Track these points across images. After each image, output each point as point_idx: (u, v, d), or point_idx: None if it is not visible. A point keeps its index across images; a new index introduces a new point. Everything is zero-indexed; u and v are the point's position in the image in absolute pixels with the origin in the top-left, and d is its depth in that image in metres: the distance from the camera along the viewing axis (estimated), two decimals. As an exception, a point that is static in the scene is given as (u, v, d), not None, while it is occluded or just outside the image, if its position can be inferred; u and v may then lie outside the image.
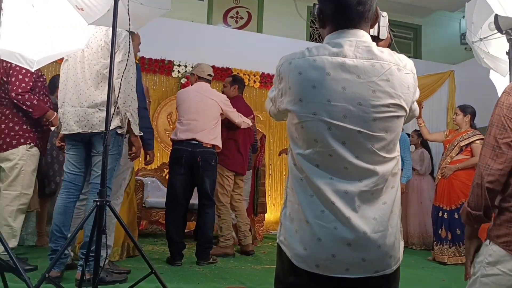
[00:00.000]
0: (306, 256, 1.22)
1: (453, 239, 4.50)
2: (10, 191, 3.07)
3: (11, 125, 3.14)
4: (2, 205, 3.05)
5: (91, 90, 2.73)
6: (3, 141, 3.10)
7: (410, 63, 1.30)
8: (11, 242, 3.01)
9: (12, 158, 3.08)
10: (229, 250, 4.22)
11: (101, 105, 2.70)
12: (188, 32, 6.63)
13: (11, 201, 3.06)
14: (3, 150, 3.10)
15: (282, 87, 1.28)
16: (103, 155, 2.28)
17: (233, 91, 4.46)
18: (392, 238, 1.25)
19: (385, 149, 1.24)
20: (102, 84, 2.73)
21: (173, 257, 3.71)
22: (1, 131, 3.12)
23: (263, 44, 6.94)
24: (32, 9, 2.46)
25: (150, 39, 3.36)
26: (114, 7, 2.23)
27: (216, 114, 3.96)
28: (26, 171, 3.14)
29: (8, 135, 3.12)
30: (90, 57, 2.76)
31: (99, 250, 2.23)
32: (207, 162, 3.79)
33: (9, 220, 3.03)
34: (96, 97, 2.72)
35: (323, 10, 1.30)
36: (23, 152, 3.12)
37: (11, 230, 3.04)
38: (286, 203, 1.33)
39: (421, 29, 8.82)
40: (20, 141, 3.14)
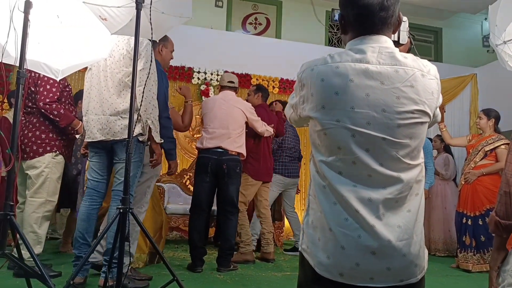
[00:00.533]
0: (329, 264, 1.21)
1: (477, 246, 4.40)
2: (36, 198, 3.14)
3: (38, 133, 3.21)
4: (28, 212, 3.11)
5: (114, 98, 2.77)
6: (30, 149, 3.17)
7: (434, 69, 1.28)
8: (36, 248, 3.07)
9: (38, 165, 3.15)
10: (249, 257, 4.22)
11: (123, 112, 2.73)
12: (208, 39, 6.69)
13: (36, 208, 3.12)
14: (30, 157, 3.17)
15: (304, 94, 1.27)
16: (126, 163, 2.30)
17: (257, 99, 4.51)
18: (417, 247, 1.23)
19: (409, 156, 1.23)
20: (124, 92, 2.76)
21: (194, 262, 3.73)
22: (29, 139, 3.19)
23: (282, 50, 6.94)
24: (57, 19, 2.52)
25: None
26: (136, 17, 2.27)
27: (241, 123, 4.01)
28: (52, 178, 3.20)
29: (35, 143, 3.19)
30: (112, 65, 2.81)
31: (122, 257, 2.25)
32: (233, 169, 3.83)
33: (34, 227, 3.09)
34: (118, 105, 2.75)
35: (345, 16, 1.30)
36: (49, 159, 3.19)
37: (36, 236, 3.10)
38: (309, 210, 1.32)
39: (442, 32, 8.69)
40: (46, 149, 3.21)
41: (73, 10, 2.54)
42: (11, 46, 2.16)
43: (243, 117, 4.03)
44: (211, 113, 3.95)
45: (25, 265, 2.14)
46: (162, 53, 3.36)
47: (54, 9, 2.52)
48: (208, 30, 6.93)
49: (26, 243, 2.12)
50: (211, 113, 3.95)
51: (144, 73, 2.63)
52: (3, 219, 2.03)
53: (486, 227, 4.32)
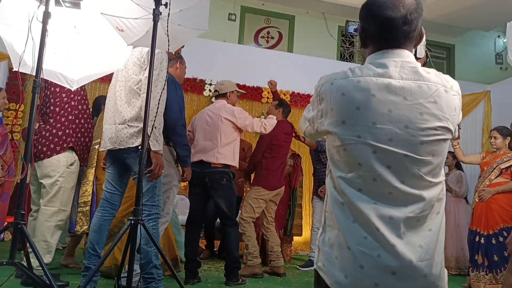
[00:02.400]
0: (347, 284, 1.18)
1: (490, 265, 4.30)
2: (49, 207, 3.12)
3: (55, 132, 3.18)
4: (40, 221, 3.10)
5: (124, 107, 2.76)
6: (47, 148, 3.15)
7: (456, 84, 1.26)
8: (46, 257, 3.05)
9: (53, 175, 3.14)
10: (257, 270, 4.14)
11: (130, 121, 2.70)
12: (220, 52, 6.73)
13: (50, 216, 3.11)
14: (47, 156, 3.14)
15: (323, 108, 1.25)
16: (138, 174, 2.29)
17: (278, 114, 4.47)
18: (439, 267, 1.20)
19: (431, 174, 1.20)
20: (133, 100, 2.74)
21: (186, 275, 3.61)
22: (46, 139, 3.17)
23: (294, 64, 6.96)
24: (74, 30, 2.54)
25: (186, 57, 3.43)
26: (153, 28, 2.28)
27: (229, 132, 3.82)
28: (66, 188, 3.19)
29: (52, 141, 3.16)
30: (126, 75, 2.81)
31: (132, 268, 2.23)
32: (217, 181, 3.69)
33: (46, 236, 3.07)
34: (127, 113, 2.73)
35: (366, 29, 1.27)
36: (63, 169, 3.17)
37: (47, 245, 3.08)
38: (325, 228, 1.29)
39: (455, 49, 8.67)
40: (63, 145, 3.17)
41: (90, 21, 2.57)
42: (29, 55, 2.18)
43: (229, 125, 3.82)
44: (197, 126, 3.90)
45: (34, 274, 2.12)
46: (179, 69, 3.38)
47: (72, 20, 2.54)
48: (220, 43, 6.98)
49: (36, 252, 2.11)
50: (197, 126, 3.89)
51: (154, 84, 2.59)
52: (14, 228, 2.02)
53: (500, 246, 4.25)
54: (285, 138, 4.40)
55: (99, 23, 2.51)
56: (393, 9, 1.20)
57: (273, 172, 4.30)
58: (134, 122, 2.68)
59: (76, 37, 2.59)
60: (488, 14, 6.98)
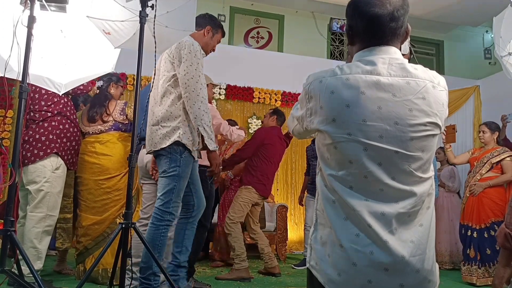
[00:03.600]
0: (340, 282, 1.18)
1: (482, 259, 4.34)
2: (36, 213, 3.09)
3: (38, 137, 3.15)
4: (28, 227, 3.06)
5: (156, 107, 2.64)
6: (31, 153, 3.12)
7: (443, 80, 1.27)
8: (36, 264, 3.01)
9: (38, 180, 3.11)
10: (244, 274, 3.98)
11: (162, 121, 2.57)
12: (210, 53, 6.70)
13: (36, 222, 3.07)
14: (32, 162, 3.10)
15: (312, 106, 1.24)
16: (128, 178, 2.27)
17: (272, 122, 4.47)
18: (430, 262, 1.21)
19: (421, 169, 1.20)
20: (164, 98, 2.60)
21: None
22: (30, 144, 3.13)
23: (284, 63, 6.96)
24: (60, 34, 2.52)
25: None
26: (140, 31, 2.26)
27: None
28: (52, 193, 3.16)
29: (36, 146, 3.13)
30: (158, 73, 2.70)
31: (124, 273, 2.21)
32: None
33: (34, 242, 3.04)
34: (158, 113, 2.60)
35: (353, 26, 1.27)
36: (49, 174, 3.14)
37: (37, 252, 3.04)
38: (317, 226, 1.28)
39: (444, 45, 8.73)
40: (47, 151, 3.14)
41: (76, 24, 2.55)
42: (14, 60, 2.15)
43: None
44: None
45: (24, 281, 2.10)
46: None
47: (58, 24, 2.52)
48: (210, 44, 6.95)
49: (26, 259, 2.09)
50: None
51: (188, 77, 2.51)
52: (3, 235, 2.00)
53: (492, 240, 4.28)
54: (278, 140, 4.38)
55: (85, 27, 2.49)
56: (380, 6, 1.20)
57: (267, 178, 4.26)
58: (167, 122, 2.55)
59: (63, 41, 2.57)
60: (475, 9, 7.02)
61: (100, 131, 3.45)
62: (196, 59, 2.55)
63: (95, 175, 3.37)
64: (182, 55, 2.54)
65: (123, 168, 3.39)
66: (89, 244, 3.41)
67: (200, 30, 2.81)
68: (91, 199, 3.40)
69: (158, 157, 2.61)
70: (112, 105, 3.51)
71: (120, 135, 3.47)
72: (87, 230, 3.40)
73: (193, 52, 2.55)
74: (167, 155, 2.55)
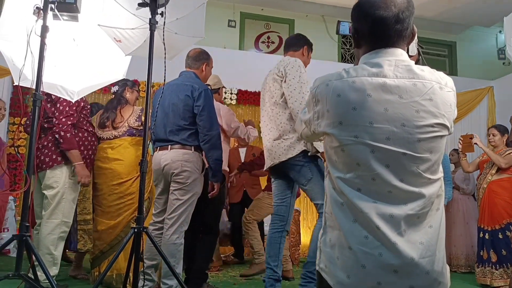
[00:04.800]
0: (350, 284, 1.18)
1: (499, 260, 4.28)
2: (52, 219, 3.13)
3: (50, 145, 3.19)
4: (44, 233, 3.11)
5: (274, 123, 2.88)
6: (50, 158, 3.15)
7: (450, 81, 1.26)
8: (52, 270, 3.06)
9: (55, 186, 3.15)
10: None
11: (284, 134, 2.81)
12: (221, 58, 6.72)
13: (52, 229, 3.11)
14: (49, 167, 3.14)
15: (319, 110, 1.25)
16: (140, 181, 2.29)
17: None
18: (441, 263, 1.20)
19: (430, 171, 1.20)
20: (280, 113, 2.86)
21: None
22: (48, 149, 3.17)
23: (295, 67, 6.94)
24: (73, 43, 2.57)
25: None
26: (150, 38, 2.29)
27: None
28: (67, 199, 3.19)
29: (54, 152, 3.16)
30: (269, 93, 2.96)
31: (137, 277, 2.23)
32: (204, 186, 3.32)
33: (51, 249, 3.08)
34: (279, 128, 2.84)
35: (358, 29, 1.28)
36: (65, 180, 3.18)
37: (52, 258, 3.08)
38: (326, 229, 1.29)
39: (456, 46, 8.64)
40: (65, 157, 3.16)
41: (88, 33, 2.59)
42: (28, 69, 2.20)
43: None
44: None
45: (41, 286, 2.13)
46: (205, 70, 3.21)
47: (70, 33, 2.56)
48: (221, 50, 7.00)
49: (42, 265, 2.12)
50: None
51: (291, 89, 2.73)
52: (19, 241, 2.03)
53: (507, 240, 4.23)
54: None
55: (97, 35, 2.54)
56: (385, 9, 1.21)
57: None
58: (288, 134, 2.78)
59: (75, 49, 2.62)
60: (488, 10, 6.95)
61: (114, 136, 3.48)
62: (298, 73, 2.77)
63: (108, 180, 3.41)
64: (286, 70, 2.78)
65: (134, 172, 3.41)
66: (105, 248, 3.44)
67: (298, 50, 3.13)
68: (106, 204, 3.43)
69: (288, 168, 2.81)
70: (128, 110, 3.53)
71: (132, 139, 3.49)
72: (102, 234, 3.43)
73: (295, 66, 2.79)
74: (304, 164, 2.77)
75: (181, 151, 2.88)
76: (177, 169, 2.84)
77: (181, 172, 2.84)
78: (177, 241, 2.82)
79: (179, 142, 2.89)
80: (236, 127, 3.67)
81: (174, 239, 2.81)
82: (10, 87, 5.99)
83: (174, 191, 2.88)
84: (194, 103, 2.88)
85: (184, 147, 2.88)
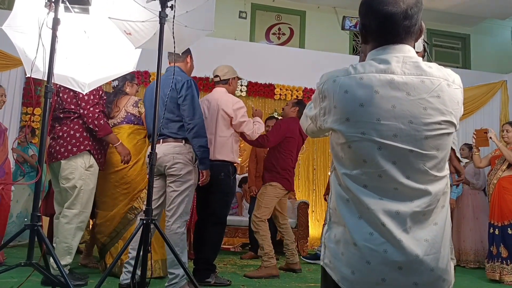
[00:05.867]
0: (354, 280, 1.18)
1: (510, 255, 4.27)
2: (71, 209, 3.17)
3: (72, 133, 3.21)
4: (62, 222, 3.15)
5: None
6: (65, 149, 3.18)
7: (458, 78, 1.25)
8: (66, 259, 3.09)
9: (71, 177, 3.17)
10: (274, 271, 3.97)
11: None
12: (231, 50, 6.74)
13: (71, 219, 3.15)
14: (65, 157, 3.16)
15: (325, 106, 1.25)
16: (149, 176, 2.32)
17: (292, 112, 4.34)
18: (445, 261, 1.20)
19: (436, 168, 1.20)
20: None
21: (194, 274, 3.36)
22: (64, 139, 3.20)
23: (306, 60, 6.93)
24: (84, 35, 2.59)
25: (194, 57, 3.41)
26: (160, 31, 2.30)
27: (225, 123, 3.57)
28: (86, 190, 3.22)
29: (70, 142, 3.19)
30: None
31: (146, 267, 2.27)
32: (213, 176, 3.33)
33: (68, 238, 3.12)
34: None
35: (366, 25, 1.27)
36: (82, 171, 3.19)
37: (67, 247, 3.12)
38: (330, 224, 1.29)
39: (470, 38, 8.52)
40: (80, 148, 3.19)
41: (99, 25, 2.60)
42: (40, 61, 2.22)
43: (225, 117, 3.56)
44: None
45: (51, 274, 2.17)
46: (190, 62, 3.34)
47: (81, 25, 2.58)
48: (232, 41, 6.99)
49: (53, 254, 2.16)
50: None
51: None
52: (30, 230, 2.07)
53: None
54: (298, 133, 4.32)
55: (108, 27, 2.55)
56: (393, 4, 1.20)
57: (289, 172, 4.22)
58: None
59: (87, 41, 2.64)
60: (503, 2, 6.83)
61: (113, 124, 3.52)
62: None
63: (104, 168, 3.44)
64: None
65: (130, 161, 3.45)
66: (105, 240, 3.51)
67: None
68: (102, 194, 3.48)
69: None
70: (124, 100, 3.60)
71: (130, 128, 3.53)
72: (100, 228, 3.51)
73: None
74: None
75: (172, 144, 3.01)
76: (169, 162, 2.96)
77: (173, 164, 2.96)
78: (178, 230, 2.93)
79: (170, 136, 3.02)
80: (243, 121, 3.62)
81: (175, 228, 2.93)
82: (23, 77, 6.07)
83: (170, 183, 3.00)
84: (177, 95, 3.00)
85: (175, 140, 3.01)
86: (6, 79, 6.00)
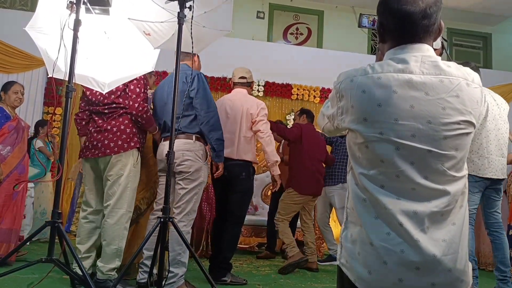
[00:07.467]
0: (371, 280, 1.18)
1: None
2: (117, 209, 2.98)
3: (123, 128, 3.06)
4: (109, 223, 2.97)
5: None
6: (115, 144, 3.02)
7: (477, 77, 1.24)
8: (115, 262, 2.96)
9: (120, 173, 3.00)
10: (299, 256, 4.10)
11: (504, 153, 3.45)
12: (249, 50, 6.76)
13: (118, 220, 2.97)
14: (115, 152, 3.00)
15: (343, 105, 1.25)
16: (167, 174, 2.34)
17: (303, 121, 4.55)
18: (463, 261, 1.19)
19: (455, 168, 1.19)
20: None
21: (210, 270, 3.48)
22: (114, 134, 3.05)
23: (323, 59, 6.91)
24: (104, 36, 2.63)
25: (211, 57, 3.43)
26: (178, 31, 2.31)
27: (249, 124, 3.60)
28: (131, 188, 3.05)
29: (120, 137, 3.03)
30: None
31: (163, 266, 2.29)
32: (235, 176, 3.46)
33: (116, 241, 2.96)
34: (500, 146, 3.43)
35: (384, 24, 1.26)
36: (130, 168, 3.04)
37: (116, 250, 2.95)
38: (347, 224, 1.29)
39: (491, 38, 8.36)
40: (130, 144, 3.04)
41: (119, 26, 2.64)
42: (61, 62, 2.27)
43: (249, 117, 3.58)
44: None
45: (71, 271, 2.21)
46: (197, 60, 3.28)
47: (102, 26, 2.62)
48: (249, 41, 7.01)
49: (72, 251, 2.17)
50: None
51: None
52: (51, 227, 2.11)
53: None
54: (313, 136, 4.39)
55: (127, 28, 2.59)
56: (412, 3, 1.19)
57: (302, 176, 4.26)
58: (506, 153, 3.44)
59: (107, 42, 2.68)
60: (526, 0, 6.70)
61: None
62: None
63: None
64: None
65: None
66: None
67: None
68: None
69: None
70: None
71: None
72: None
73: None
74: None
75: (182, 140, 2.95)
76: (179, 159, 2.90)
77: (183, 161, 2.92)
78: (184, 228, 2.88)
79: (181, 131, 2.96)
80: (262, 120, 3.62)
81: (181, 226, 2.80)
82: (45, 77, 6.21)
83: (179, 180, 2.96)
84: (189, 88, 2.95)
85: (186, 136, 2.97)
86: (29, 79, 6.16)
